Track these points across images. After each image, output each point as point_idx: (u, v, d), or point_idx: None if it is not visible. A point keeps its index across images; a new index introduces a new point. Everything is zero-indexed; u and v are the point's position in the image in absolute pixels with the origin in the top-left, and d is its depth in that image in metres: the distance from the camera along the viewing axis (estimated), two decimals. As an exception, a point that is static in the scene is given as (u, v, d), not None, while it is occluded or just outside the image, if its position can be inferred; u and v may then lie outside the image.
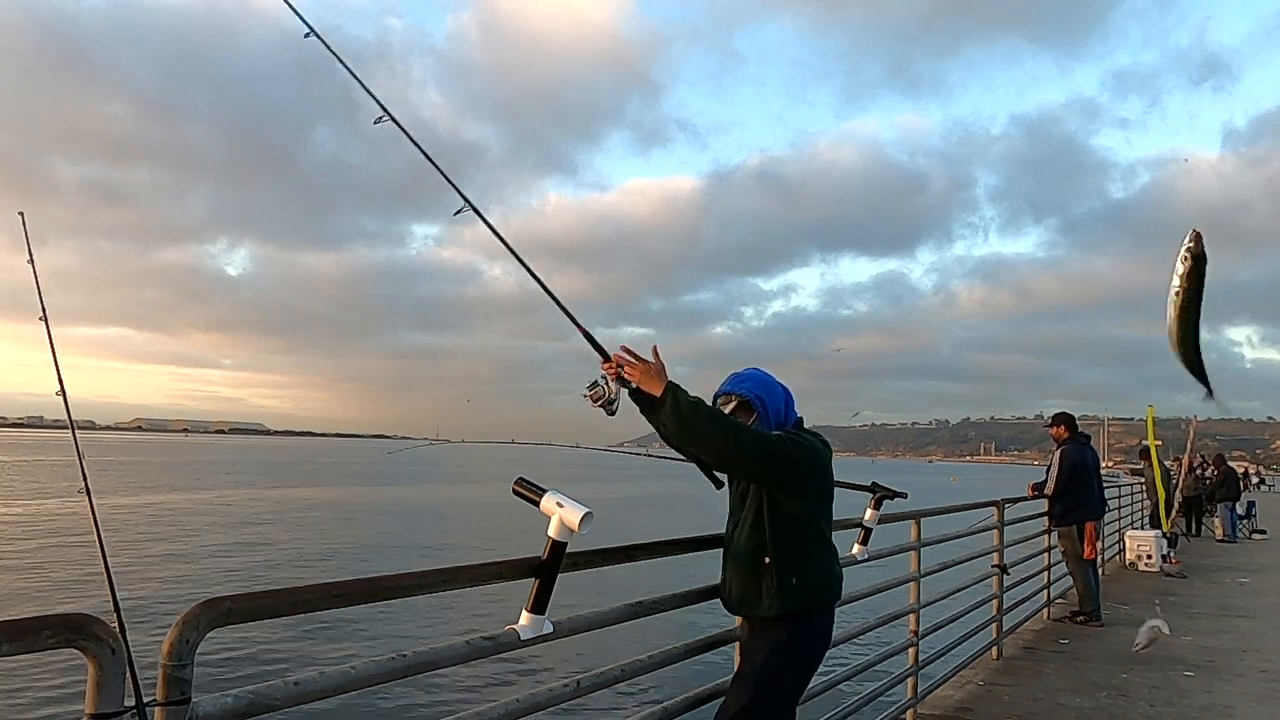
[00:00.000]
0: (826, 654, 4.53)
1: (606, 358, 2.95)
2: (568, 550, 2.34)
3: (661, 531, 3.14)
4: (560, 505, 2.27)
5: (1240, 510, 19.85)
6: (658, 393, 2.73)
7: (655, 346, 2.84)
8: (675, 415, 2.71)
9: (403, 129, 3.25)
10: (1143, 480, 16.21)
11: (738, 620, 3.29)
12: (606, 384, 2.88)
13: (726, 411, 2.97)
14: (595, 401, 2.87)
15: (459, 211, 3.17)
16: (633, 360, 2.80)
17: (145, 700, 1.50)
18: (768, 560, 2.92)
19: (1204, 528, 19.14)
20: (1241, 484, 22.24)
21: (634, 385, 2.83)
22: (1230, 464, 20.70)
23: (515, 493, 2.40)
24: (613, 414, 2.85)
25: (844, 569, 4.38)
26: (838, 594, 3.10)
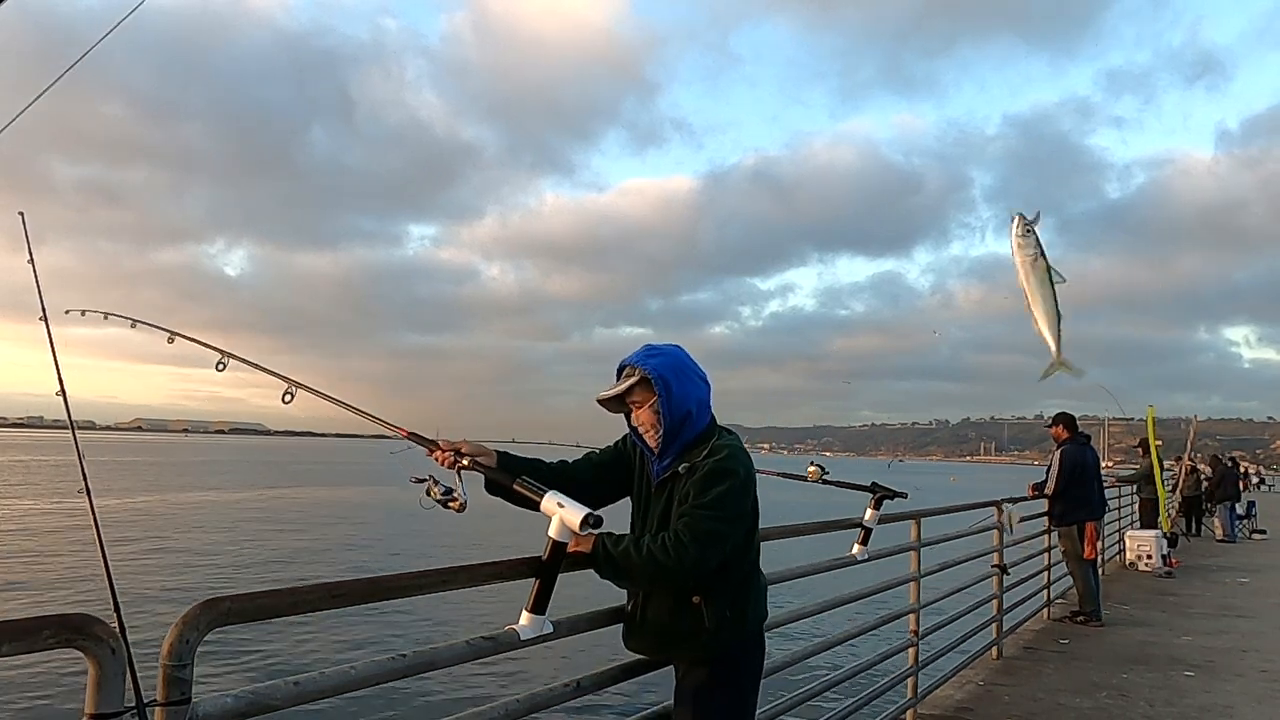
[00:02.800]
0: (827, 652, 4.55)
1: (434, 447, 2.53)
2: (568, 550, 2.34)
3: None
4: (561, 505, 2.27)
5: (1240, 510, 19.83)
6: (588, 549, 2.42)
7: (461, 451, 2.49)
8: (612, 572, 2.44)
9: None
10: (1132, 485, 15.88)
11: None
12: (434, 481, 2.42)
13: (626, 387, 2.58)
14: (434, 499, 2.41)
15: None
16: (447, 456, 2.48)
17: (145, 700, 1.50)
18: (696, 600, 2.53)
19: (1204, 528, 19.14)
20: (1241, 484, 22.21)
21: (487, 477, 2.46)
22: (1225, 463, 20.64)
23: (516, 492, 2.40)
24: (462, 510, 2.39)
25: (844, 569, 4.41)
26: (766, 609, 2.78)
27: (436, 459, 2.50)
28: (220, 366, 2.80)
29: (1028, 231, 4.92)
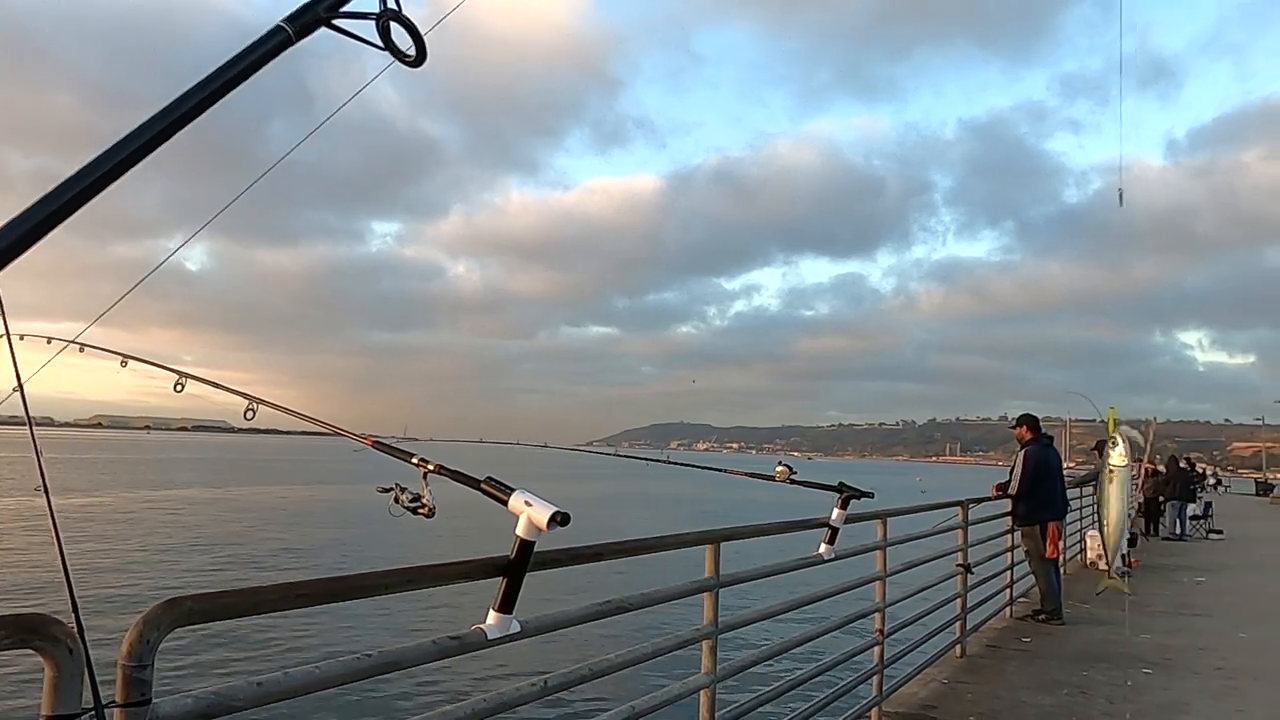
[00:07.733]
0: (794, 651, 4.58)
1: (400, 455, 2.45)
2: (536, 549, 2.33)
3: (630, 531, 3.14)
4: (528, 504, 2.26)
5: (1198, 511, 20.22)
6: None
7: None
8: None
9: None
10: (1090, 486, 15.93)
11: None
12: (400, 488, 2.34)
13: None
14: (402, 507, 2.32)
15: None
16: None
17: (104, 702, 1.48)
18: None
19: (1161, 528, 19.51)
20: (1199, 485, 22.62)
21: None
22: (1182, 465, 21.03)
23: (483, 491, 2.38)
24: (431, 515, 2.32)
25: (810, 568, 4.44)
26: None
27: (419, 466, 2.37)
28: (178, 388, 2.77)
29: (1123, 448, 6.23)
